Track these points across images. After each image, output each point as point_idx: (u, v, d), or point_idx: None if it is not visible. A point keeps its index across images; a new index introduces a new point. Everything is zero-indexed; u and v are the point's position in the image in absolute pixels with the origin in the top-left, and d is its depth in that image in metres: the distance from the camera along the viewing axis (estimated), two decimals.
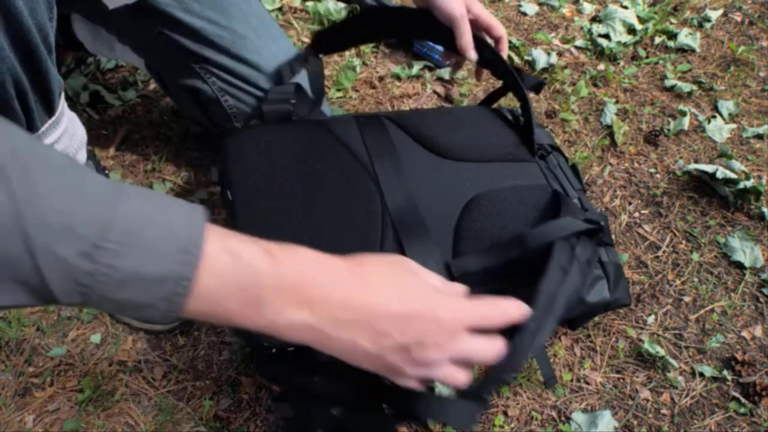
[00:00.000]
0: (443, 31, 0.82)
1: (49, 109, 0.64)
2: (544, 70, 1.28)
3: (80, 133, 0.75)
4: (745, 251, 0.98)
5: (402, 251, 0.68)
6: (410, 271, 0.50)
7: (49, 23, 0.57)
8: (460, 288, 0.53)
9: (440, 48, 1.26)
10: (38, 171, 0.34)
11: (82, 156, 0.81)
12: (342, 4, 1.32)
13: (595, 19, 1.42)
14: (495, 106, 0.90)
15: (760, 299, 0.94)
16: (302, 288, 0.42)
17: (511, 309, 0.51)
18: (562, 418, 0.80)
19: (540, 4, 1.46)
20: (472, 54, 0.81)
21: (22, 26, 0.53)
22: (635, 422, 0.81)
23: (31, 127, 0.62)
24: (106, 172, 0.95)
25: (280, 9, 1.36)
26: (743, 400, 0.82)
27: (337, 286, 0.44)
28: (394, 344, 0.45)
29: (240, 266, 0.39)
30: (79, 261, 0.33)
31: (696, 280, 0.96)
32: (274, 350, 0.63)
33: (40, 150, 0.36)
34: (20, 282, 0.34)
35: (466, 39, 0.80)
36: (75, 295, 0.35)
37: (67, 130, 0.71)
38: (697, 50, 1.36)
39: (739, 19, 1.46)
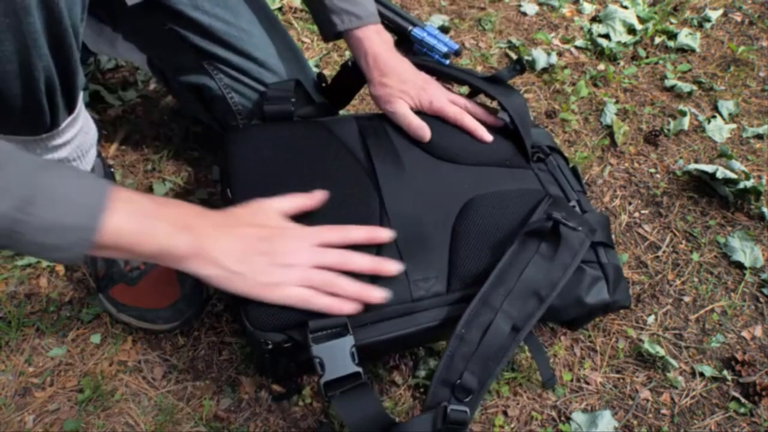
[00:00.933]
0: None
1: (71, 107, 0.66)
2: (544, 70, 1.28)
3: (93, 131, 0.76)
4: (745, 251, 0.98)
5: (399, 251, 0.68)
6: (259, 206, 0.65)
7: (80, 24, 0.59)
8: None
9: (441, 49, 1.26)
10: None
11: (92, 154, 0.82)
12: None
13: (595, 19, 1.42)
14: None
15: (760, 299, 0.94)
16: (183, 218, 0.58)
17: (353, 231, 0.66)
18: (562, 418, 0.80)
19: (540, 4, 1.46)
20: (425, 132, 0.79)
21: (61, 26, 0.55)
22: (635, 422, 0.81)
23: (55, 123, 0.64)
24: (112, 171, 0.95)
25: (280, 9, 1.36)
26: (743, 400, 0.82)
27: (209, 216, 0.60)
28: (257, 250, 0.60)
29: (135, 206, 0.54)
30: (14, 212, 0.46)
31: (696, 280, 0.96)
32: (270, 346, 0.63)
33: None
34: None
35: (448, 110, 0.81)
36: (4, 238, 0.47)
37: (83, 128, 0.72)
38: (697, 50, 1.36)
39: (739, 19, 1.46)
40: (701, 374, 0.85)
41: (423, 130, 0.78)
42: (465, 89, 1.21)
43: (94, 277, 0.85)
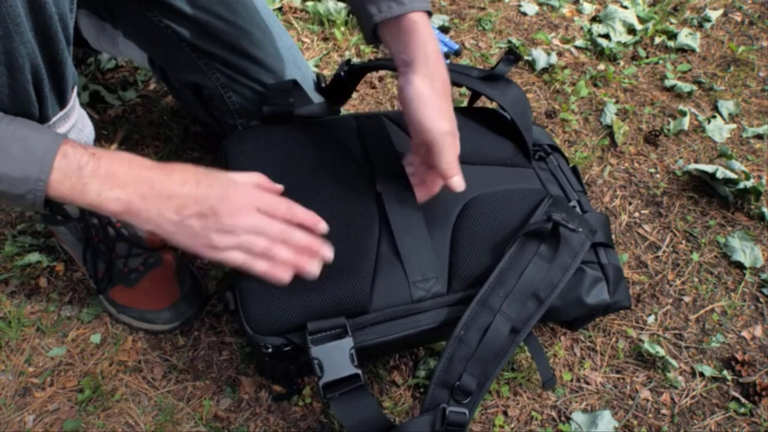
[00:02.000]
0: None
1: (62, 101, 0.65)
2: (544, 70, 1.28)
3: (88, 129, 0.76)
4: (745, 251, 0.98)
5: (398, 252, 0.68)
6: (216, 173, 0.63)
7: (69, 14, 0.59)
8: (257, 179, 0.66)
9: (441, 49, 1.26)
10: None
11: None
12: (342, 4, 1.32)
13: (595, 19, 1.42)
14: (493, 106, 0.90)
15: (760, 299, 0.94)
16: (114, 175, 0.58)
17: (299, 210, 0.64)
18: (562, 418, 0.80)
19: (540, 4, 1.46)
20: (459, 183, 0.66)
21: (46, 13, 0.55)
22: (635, 422, 0.81)
23: (43, 116, 0.63)
24: None
25: (279, 9, 1.36)
26: (743, 400, 0.82)
27: (143, 172, 0.60)
28: (193, 212, 0.60)
29: (69, 162, 0.56)
30: None
31: (696, 280, 0.96)
32: (270, 350, 0.63)
33: None
34: None
35: (449, 159, 0.65)
36: None
37: (76, 125, 0.71)
38: (697, 50, 1.36)
39: (739, 19, 1.46)
40: (701, 374, 0.85)
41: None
42: (465, 90, 1.21)
43: (94, 278, 0.85)
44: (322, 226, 0.66)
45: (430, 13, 0.67)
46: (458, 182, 0.66)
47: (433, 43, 0.66)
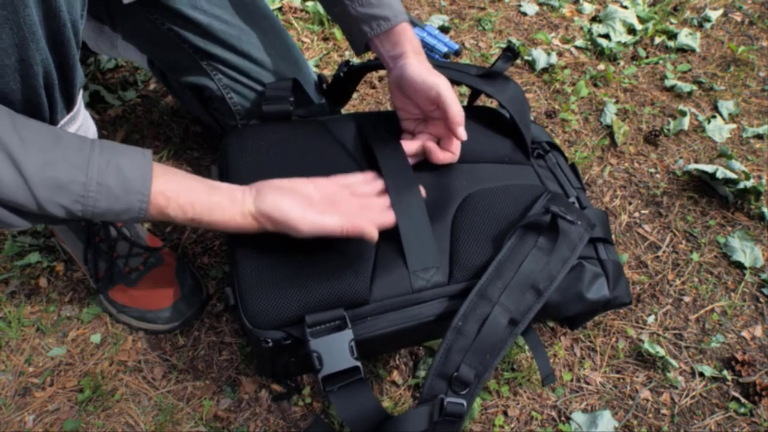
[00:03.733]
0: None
1: (70, 103, 0.66)
2: (544, 70, 1.28)
3: (92, 130, 0.76)
4: (745, 251, 0.98)
5: (398, 241, 0.68)
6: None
7: (80, 20, 0.59)
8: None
9: (441, 49, 1.26)
10: (31, 143, 0.53)
11: None
12: None
13: (595, 19, 1.42)
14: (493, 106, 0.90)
15: (760, 299, 0.94)
16: (189, 206, 0.61)
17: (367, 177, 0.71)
18: (562, 418, 0.80)
19: (540, 4, 1.46)
20: (463, 133, 0.73)
21: (60, 20, 0.55)
22: (635, 422, 0.80)
23: (53, 120, 0.64)
24: None
25: (280, 9, 1.36)
26: (743, 400, 0.82)
27: (206, 198, 0.62)
28: (318, 198, 0.65)
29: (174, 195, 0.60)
30: (73, 205, 0.55)
31: (696, 280, 0.96)
32: (270, 344, 0.63)
33: (30, 124, 0.55)
34: (31, 215, 0.57)
35: (457, 107, 0.72)
36: (77, 215, 0.56)
37: (81, 127, 0.72)
38: (697, 50, 1.36)
39: (739, 19, 1.46)
40: (701, 374, 0.85)
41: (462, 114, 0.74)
42: (465, 89, 1.21)
43: (94, 278, 0.85)
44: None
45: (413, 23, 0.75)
46: (463, 132, 0.73)
47: (417, 41, 0.76)
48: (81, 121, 0.72)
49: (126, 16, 0.83)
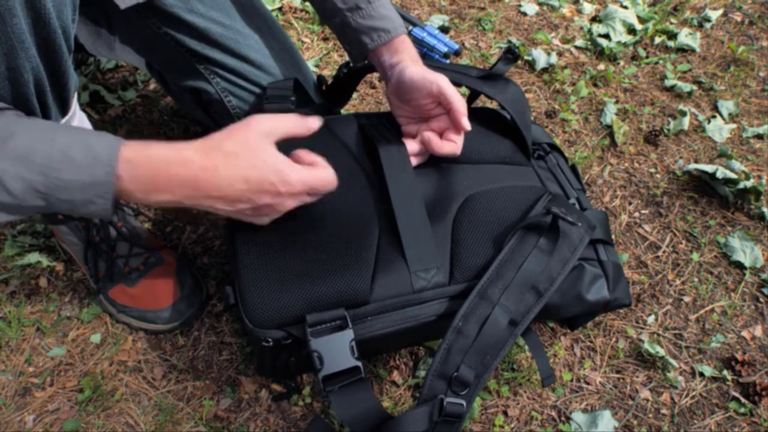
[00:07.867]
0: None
1: (64, 108, 0.66)
2: (544, 70, 1.28)
3: None
4: (745, 251, 0.98)
5: (399, 242, 0.68)
6: (258, 154, 0.61)
7: (71, 25, 0.58)
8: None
9: (441, 49, 1.26)
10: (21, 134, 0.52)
11: None
12: None
13: (595, 19, 1.42)
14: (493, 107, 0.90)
15: (760, 299, 0.94)
16: (159, 181, 0.57)
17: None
18: (562, 418, 0.80)
19: (540, 4, 1.46)
20: (467, 123, 0.73)
21: (50, 27, 0.55)
22: (635, 422, 0.81)
23: None
24: None
25: (280, 9, 1.36)
26: (743, 400, 0.82)
27: (182, 170, 0.58)
28: (247, 207, 0.61)
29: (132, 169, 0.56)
30: (35, 177, 0.51)
31: (696, 280, 0.96)
32: (270, 343, 0.63)
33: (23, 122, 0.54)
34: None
35: (460, 100, 0.72)
36: (37, 200, 0.53)
37: None
38: (697, 50, 1.36)
39: (739, 19, 1.46)
40: (701, 374, 0.85)
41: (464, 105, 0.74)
42: (464, 90, 1.21)
43: (94, 278, 0.85)
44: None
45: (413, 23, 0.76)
46: (467, 122, 0.73)
47: (415, 52, 0.78)
48: (77, 125, 0.72)
49: (123, 21, 0.83)
